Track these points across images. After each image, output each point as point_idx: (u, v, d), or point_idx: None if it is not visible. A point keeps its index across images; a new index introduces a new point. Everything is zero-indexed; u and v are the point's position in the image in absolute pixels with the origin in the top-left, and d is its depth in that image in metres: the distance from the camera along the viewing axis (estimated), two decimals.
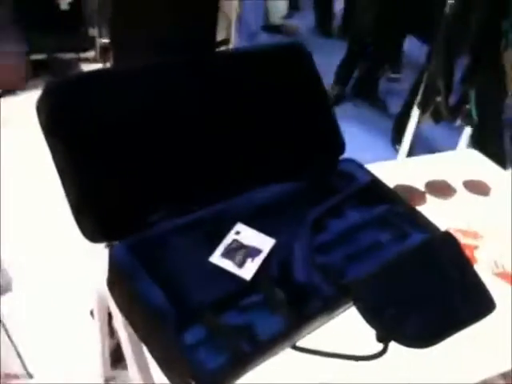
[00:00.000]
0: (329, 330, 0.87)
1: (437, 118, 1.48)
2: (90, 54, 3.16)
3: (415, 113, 1.49)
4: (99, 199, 0.83)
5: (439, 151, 1.53)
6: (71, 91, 0.86)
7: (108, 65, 2.88)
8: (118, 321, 0.89)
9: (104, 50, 3.05)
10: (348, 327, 0.87)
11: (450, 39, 1.46)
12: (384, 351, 0.82)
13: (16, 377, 1.27)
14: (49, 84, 0.85)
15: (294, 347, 0.82)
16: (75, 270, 1.61)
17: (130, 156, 0.87)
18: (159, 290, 0.79)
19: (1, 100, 2.67)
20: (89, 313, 1.48)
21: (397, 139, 2.67)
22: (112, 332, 1.23)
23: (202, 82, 0.98)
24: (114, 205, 0.84)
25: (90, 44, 3.14)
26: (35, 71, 2.88)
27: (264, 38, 3.84)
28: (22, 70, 2.84)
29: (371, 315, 0.81)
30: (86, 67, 3.08)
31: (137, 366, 0.85)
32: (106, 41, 3.02)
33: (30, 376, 1.29)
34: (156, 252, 0.84)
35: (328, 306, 0.84)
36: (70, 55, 3.09)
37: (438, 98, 1.42)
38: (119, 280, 0.82)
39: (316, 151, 1.11)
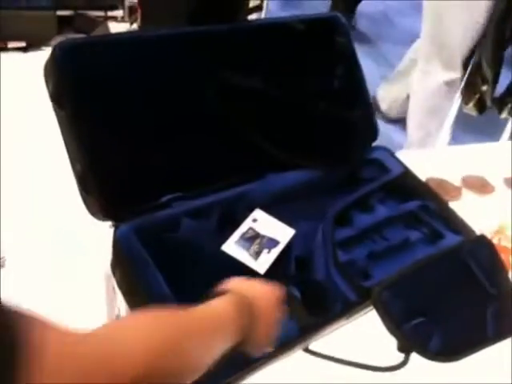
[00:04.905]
0: (346, 333, 0.80)
1: (481, 108, 1.36)
2: (118, 12, 3.10)
3: (457, 101, 1.38)
4: (106, 174, 0.76)
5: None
6: (80, 58, 0.77)
7: (135, 25, 2.82)
8: (121, 302, 0.83)
9: (132, 9, 2.99)
10: (367, 332, 0.80)
11: (502, 28, 1.34)
12: (404, 363, 0.75)
13: None
14: (56, 50, 0.77)
15: (307, 350, 0.76)
16: (75, 248, 1.53)
17: (142, 130, 0.79)
18: (162, 278, 0.72)
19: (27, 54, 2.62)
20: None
21: None
22: None
23: (227, 55, 0.89)
24: (121, 181, 0.77)
25: (118, 2, 3.07)
26: (60, 27, 2.82)
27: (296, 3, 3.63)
28: (48, 26, 2.80)
29: (393, 324, 0.75)
30: (113, 26, 3.00)
31: None
32: (134, 0, 2.95)
33: None
34: (164, 236, 0.77)
35: (347, 310, 0.77)
36: (97, 13, 3.02)
37: (484, 87, 1.30)
38: (121, 263, 0.76)
39: (348, 136, 1.02)
